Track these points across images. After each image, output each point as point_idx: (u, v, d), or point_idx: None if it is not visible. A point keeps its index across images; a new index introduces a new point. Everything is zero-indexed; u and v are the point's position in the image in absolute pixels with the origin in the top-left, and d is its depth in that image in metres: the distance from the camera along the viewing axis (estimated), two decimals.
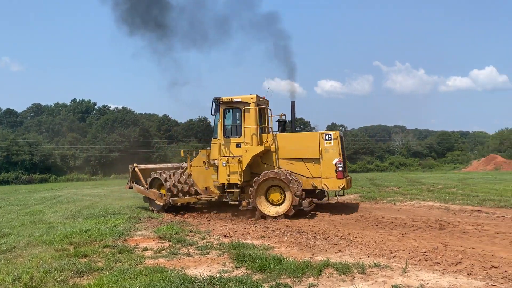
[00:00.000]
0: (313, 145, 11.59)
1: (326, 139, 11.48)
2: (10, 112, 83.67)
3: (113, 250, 7.49)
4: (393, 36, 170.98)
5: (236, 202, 11.85)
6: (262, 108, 12.54)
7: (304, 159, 11.68)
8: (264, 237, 8.50)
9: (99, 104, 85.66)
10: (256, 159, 11.98)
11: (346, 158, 12.39)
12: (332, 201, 13.39)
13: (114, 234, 8.93)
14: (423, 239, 7.85)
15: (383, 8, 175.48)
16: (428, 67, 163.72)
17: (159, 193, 12.71)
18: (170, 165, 15.10)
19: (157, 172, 13.18)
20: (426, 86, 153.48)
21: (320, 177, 11.50)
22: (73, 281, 5.67)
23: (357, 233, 8.48)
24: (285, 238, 8.30)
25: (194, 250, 7.49)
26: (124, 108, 78.40)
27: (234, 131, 12.39)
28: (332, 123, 79.69)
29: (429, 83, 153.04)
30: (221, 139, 12.19)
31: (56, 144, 64.59)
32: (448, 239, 7.79)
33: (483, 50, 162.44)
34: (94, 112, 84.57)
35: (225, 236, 8.76)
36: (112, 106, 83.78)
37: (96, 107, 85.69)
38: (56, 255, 7.14)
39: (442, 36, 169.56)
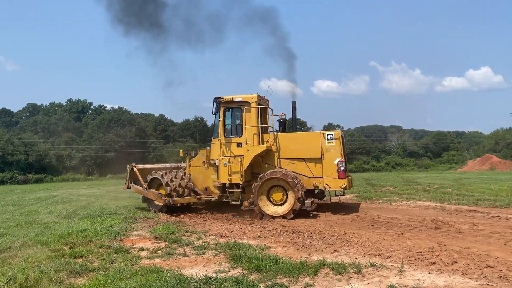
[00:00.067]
0: (314, 144, 11.56)
1: (327, 139, 11.46)
2: (6, 112, 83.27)
3: (109, 250, 7.46)
4: (389, 36, 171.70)
5: (237, 202, 11.81)
6: (263, 108, 12.49)
7: (306, 159, 11.66)
8: (261, 237, 8.49)
9: (95, 104, 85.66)
10: (257, 159, 11.93)
11: (346, 158, 12.38)
12: (334, 201, 13.40)
13: (110, 234, 8.90)
14: (418, 238, 7.88)
15: (379, 8, 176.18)
16: (424, 67, 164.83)
17: (159, 193, 12.57)
18: (168, 165, 14.97)
19: (156, 172, 13.04)
20: (422, 86, 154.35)
21: (321, 177, 11.48)
22: (69, 282, 5.65)
23: (353, 233, 8.49)
24: (282, 238, 8.31)
25: (190, 250, 7.48)
26: (120, 108, 78.33)
27: (235, 131, 12.35)
28: (329, 123, 79.76)
29: (425, 83, 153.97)
30: (222, 139, 12.15)
31: (51, 144, 64.36)
32: (444, 239, 7.82)
33: (478, 51, 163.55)
34: (90, 112, 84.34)
35: (221, 236, 8.75)
36: (108, 106, 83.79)
37: (92, 107, 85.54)
38: (52, 255, 7.10)
39: (438, 37, 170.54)
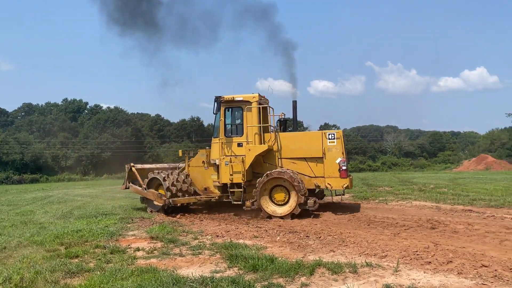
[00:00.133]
0: (316, 144, 11.55)
1: (329, 138, 11.45)
2: (1, 112, 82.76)
3: (104, 251, 7.44)
4: (385, 36, 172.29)
5: (239, 202, 11.78)
6: (264, 107, 12.46)
7: (307, 158, 11.64)
8: (257, 237, 8.49)
9: (91, 104, 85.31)
10: (258, 159, 11.88)
11: (347, 157, 12.38)
12: (337, 201, 13.39)
13: (106, 235, 8.87)
14: (414, 238, 7.90)
15: (376, 9, 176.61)
16: (420, 67, 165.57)
17: (158, 194, 12.42)
18: (166, 165, 14.85)
19: (156, 172, 12.93)
20: (418, 87, 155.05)
21: (323, 177, 11.47)
22: (64, 282, 5.62)
23: (349, 233, 8.51)
24: (278, 238, 8.31)
25: (187, 250, 7.47)
26: (116, 108, 78.12)
27: (235, 130, 12.32)
28: (325, 123, 79.88)
29: (421, 83, 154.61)
30: (223, 139, 12.10)
31: (47, 144, 64.10)
32: (439, 239, 7.85)
33: (474, 51, 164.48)
34: (86, 111, 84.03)
35: (217, 236, 8.74)
36: (104, 106, 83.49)
37: (88, 106, 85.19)
38: (47, 255, 7.07)
39: (434, 37, 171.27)
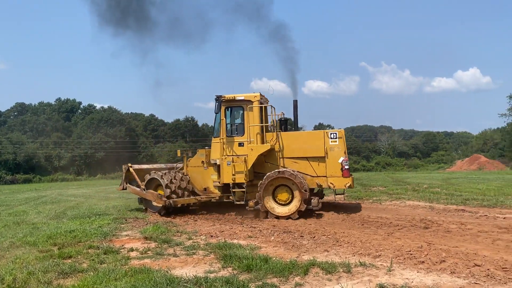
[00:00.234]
0: (318, 143, 11.51)
1: (331, 138, 11.42)
2: None
3: (98, 251, 7.40)
4: (379, 37, 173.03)
5: (242, 202, 11.71)
6: (264, 107, 12.41)
7: (309, 158, 11.59)
8: (251, 237, 8.49)
9: (84, 103, 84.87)
10: (260, 158, 11.80)
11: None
12: (331, 200, 13.38)
13: (99, 235, 8.82)
14: (408, 238, 7.94)
15: (370, 10, 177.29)
16: (414, 68, 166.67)
17: (158, 194, 12.19)
18: (163, 165, 14.67)
19: (153, 172, 12.74)
20: (411, 87, 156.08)
21: (325, 176, 11.43)
22: (57, 283, 5.59)
23: (343, 233, 8.53)
24: (272, 238, 8.31)
25: (181, 250, 7.44)
26: (110, 108, 77.79)
27: (235, 130, 12.24)
28: (319, 123, 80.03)
29: (415, 84, 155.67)
30: (224, 138, 12.02)
31: (40, 144, 63.66)
32: (433, 238, 7.89)
33: (467, 52, 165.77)
34: (79, 111, 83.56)
35: (211, 236, 8.72)
36: (98, 106, 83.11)
37: (81, 106, 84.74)
38: (40, 256, 7.02)
39: (427, 38, 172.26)
